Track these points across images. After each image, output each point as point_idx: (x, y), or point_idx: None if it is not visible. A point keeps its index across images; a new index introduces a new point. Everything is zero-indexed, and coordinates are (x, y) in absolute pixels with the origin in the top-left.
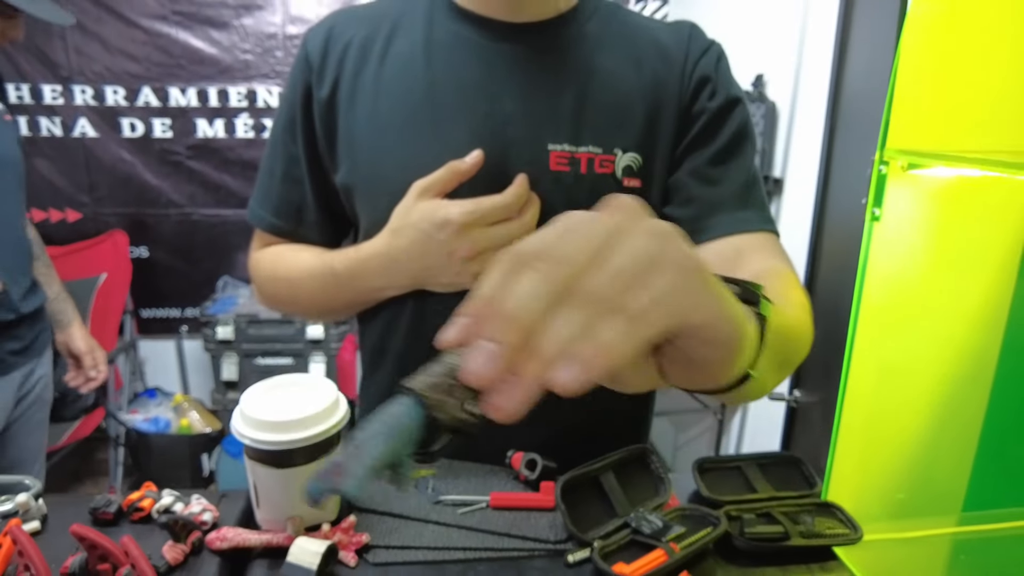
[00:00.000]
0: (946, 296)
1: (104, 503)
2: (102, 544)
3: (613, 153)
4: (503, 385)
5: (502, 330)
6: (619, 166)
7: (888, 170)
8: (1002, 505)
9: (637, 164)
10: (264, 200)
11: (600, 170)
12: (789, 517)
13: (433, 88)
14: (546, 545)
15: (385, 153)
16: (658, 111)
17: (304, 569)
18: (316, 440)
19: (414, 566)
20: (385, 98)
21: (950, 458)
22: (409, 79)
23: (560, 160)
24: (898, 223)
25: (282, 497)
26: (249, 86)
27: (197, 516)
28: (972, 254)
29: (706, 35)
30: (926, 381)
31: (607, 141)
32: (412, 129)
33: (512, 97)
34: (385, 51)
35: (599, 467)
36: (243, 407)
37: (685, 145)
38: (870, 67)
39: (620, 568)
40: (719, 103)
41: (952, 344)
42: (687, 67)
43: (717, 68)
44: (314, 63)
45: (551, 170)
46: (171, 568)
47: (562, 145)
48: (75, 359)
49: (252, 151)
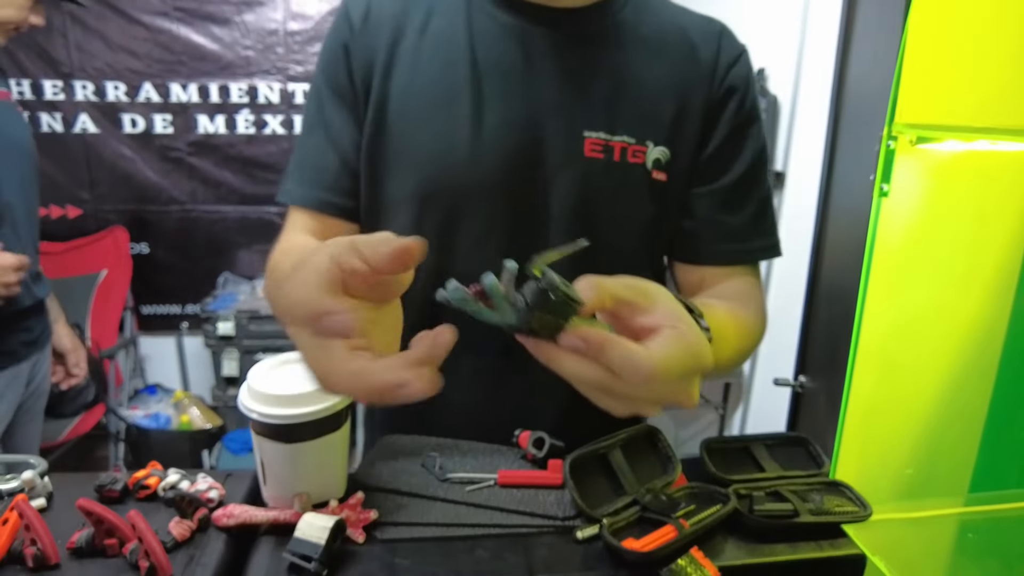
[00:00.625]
0: (953, 274)
1: (110, 481)
2: (109, 519)
3: (645, 144)
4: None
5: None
6: (649, 158)
7: (896, 145)
8: (1009, 485)
9: (665, 158)
10: (302, 175)
11: (632, 160)
12: (798, 495)
13: (472, 69)
14: (554, 522)
15: (418, 126)
16: (685, 109)
17: (312, 544)
18: (324, 415)
19: (422, 542)
20: (422, 73)
21: (957, 438)
22: (448, 57)
23: (595, 147)
24: (906, 199)
25: (289, 473)
26: (250, 82)
27: (203, 493)
28: (980, 230)
29: (736, 39)
30: (933, 360)
31: (640, 132)
32: (448, 107)
33: (549, 82)
34: (424, 27)
35: (607, 445)
36: (251, 382)
37: (709, 155)
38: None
39: (630, 544)
40: (745, 118)
41: (959, 323)
42: (717, 72)
43: (747, 80)
44: (355, 25)
45: (585, 156)
46: (178, 544)
47: (598, 132)
48: (58, 356)
49: (253, 147)
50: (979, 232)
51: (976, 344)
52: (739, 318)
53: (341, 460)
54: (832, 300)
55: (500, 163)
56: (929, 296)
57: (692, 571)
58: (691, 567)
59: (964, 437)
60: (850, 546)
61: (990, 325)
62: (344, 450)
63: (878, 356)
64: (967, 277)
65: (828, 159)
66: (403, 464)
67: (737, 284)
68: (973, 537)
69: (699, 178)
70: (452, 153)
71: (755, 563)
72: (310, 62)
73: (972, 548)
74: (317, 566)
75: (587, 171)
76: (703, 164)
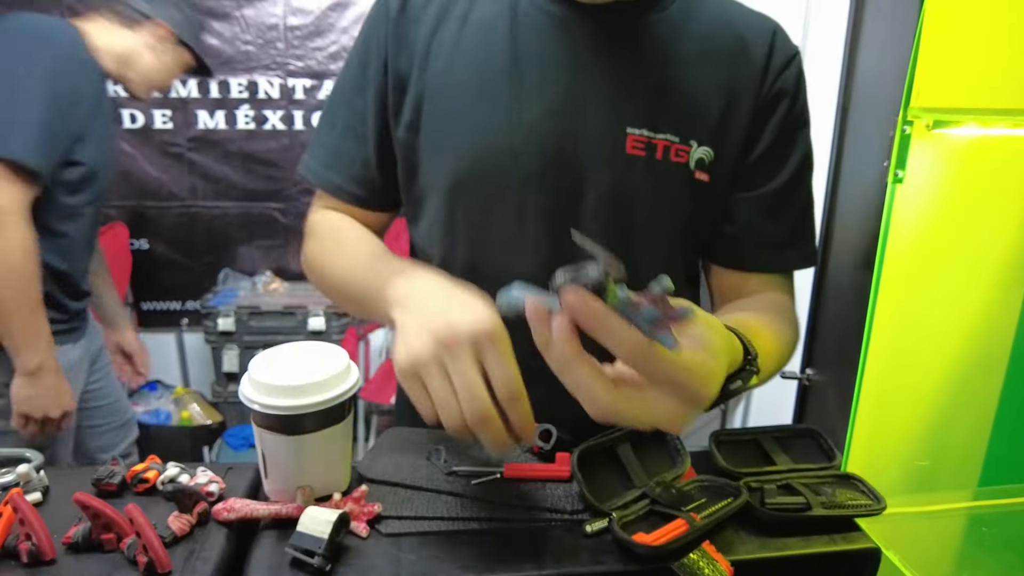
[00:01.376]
0: (967, 264)
1: (108, 474)
2: (106, 513)
3: (689, 144)
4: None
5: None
6: (693, 158)
7: (912, 130)
8: (1019, 478)
9: (709, 158)
10: (321, 153)
11: (675, 159)
12: (810, 488)
13: (515, 60)
14: (562, 516)
15: (458, 115)
16: (732, 110)
17: (315, 538)
18: (327, 406)
19: (427, 536)
20: (463, 61)
21: (968, 430)
22: (490, 46)
23: (637, 144)
24: (922, 186)
25: (291, 466)
26: (250, 77)
27: (203, 487)
28: (995, 218)
29: (790, 41)
30: (945, 351)
31: (684, 131)
32: (490, 97)
33: (593, 77)
34: (466, 15)
35: (615, 438)
36: (252, 372)
37: (755, 160)
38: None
39: (641, 537)
40: (794, 123)
41: (972, 314)
42: (769, 74)
43: (798, 85)
44: (393, 11)
45: (627, 153)
46: (177, 539)
47: (641, 130)
48: (126, 356)
49: (253, 143)
50: (994, 221)
51: (988, 335)
52: (778, 338)
53: (344, 452)
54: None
55: (538, 155)
56: (942, 286)
57: (704, 565)
58: (703, 561)
59: (975, 429)
60: (864, 540)
61: (1002, 316)
62: (347, 442)
63: (890, 347)
64: (980, 267)
65: (837, 148)
66: (408, 457)
67: (774, 295)
68: (988, 531)
69: (743, 182)
70: (489, 143)
71: (768, 557)
72: (310, 57)
73: (987, 542)
74: (320, 560)
75: (628, 168)
76: (748, 168)
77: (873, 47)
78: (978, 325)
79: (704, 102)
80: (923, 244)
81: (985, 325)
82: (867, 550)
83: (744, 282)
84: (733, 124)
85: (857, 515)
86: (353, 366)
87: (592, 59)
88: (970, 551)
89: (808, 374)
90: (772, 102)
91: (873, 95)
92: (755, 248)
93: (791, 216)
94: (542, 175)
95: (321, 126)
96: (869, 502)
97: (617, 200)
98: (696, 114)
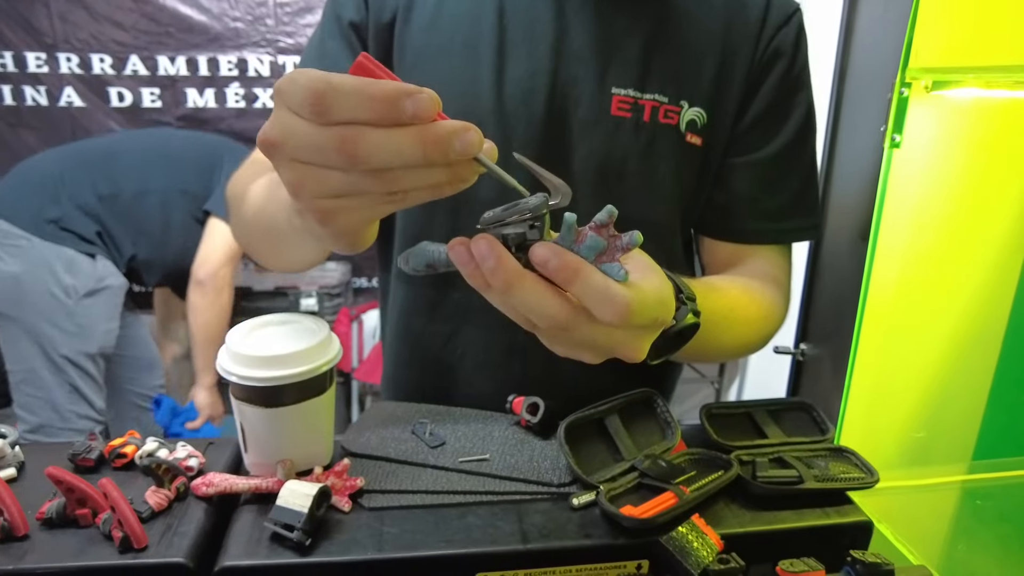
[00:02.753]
0: (963, 233)
1: (85, 449)
2: (80, 487)
3: (679, 105)
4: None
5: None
6: (684, 119)
7: (910, 92)
8: (1014, 451)
9: (702, 120)
10: None
11: (664, 120)
12: (802, 461)
13: (500, 16)
14: (549, 488)
15: (441, 74)
16: (729, 69)
17: (295, 512)
18: (307, 376)
19: (411, 510)
20: (447, 19)
21: (963, 402)
22: (476, 4)
23: (623, 105)
24: (919, 151)
25: (272, 439)
26: (240, 55)
27: (182, 461)
28: (993, 185)
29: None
30: (941, 325)
31: (674, 91)
32: (474, 55)
33: (580, 34)
34: None
35: (603, 410)
36: (230, 343)
37: (749, 123)
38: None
39: (628, 511)
40: (792, 85)
41: (968, 284)
42: (765, 32)
43: (797, 44)
44: None
45: (612, 115)
46: (155, 514)
47: (627, 90)
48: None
49: (243, 121)
50: (994, 187)
51: (985, 307)
52: (753, 303)
53: (327, 425)
54: (837, 263)
55: (523, 116)
56: (940, 256)
57: (693, 539)
58: (692, 534)
59: (970, 402)
60: (856, 513)
61: (1000, 287)
62: (330, 415)
63: (885, 319)
64: (979, 236)
65: (834, 113)
66: (392, 431)
67: (764, 264)
68: (981, 504)
69: (737, 147)
70: (472, 104)
71: (759, 531)
72: (301, 34)
73: (981, 515)
74: (300, 535)
75: (613, 130)
76: (742, 132)
77: (873, 6)
78: (975, 296)
79: (696, 61)
80: (921, 212)
81: (982, 296)
82: (860, 523)
83: (737, 255)
84: (728, 84)
85: (850, 488)
86: (334, 336)
87: (579, 16)
88: (964, 524)
89: (803, 349)
90: (769, 61)
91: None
92: (748, 219)
93: (789, 184)
94: (527, 137)
95: None
96: (862, 475)
97: (604, 164)
98: (687, 73)
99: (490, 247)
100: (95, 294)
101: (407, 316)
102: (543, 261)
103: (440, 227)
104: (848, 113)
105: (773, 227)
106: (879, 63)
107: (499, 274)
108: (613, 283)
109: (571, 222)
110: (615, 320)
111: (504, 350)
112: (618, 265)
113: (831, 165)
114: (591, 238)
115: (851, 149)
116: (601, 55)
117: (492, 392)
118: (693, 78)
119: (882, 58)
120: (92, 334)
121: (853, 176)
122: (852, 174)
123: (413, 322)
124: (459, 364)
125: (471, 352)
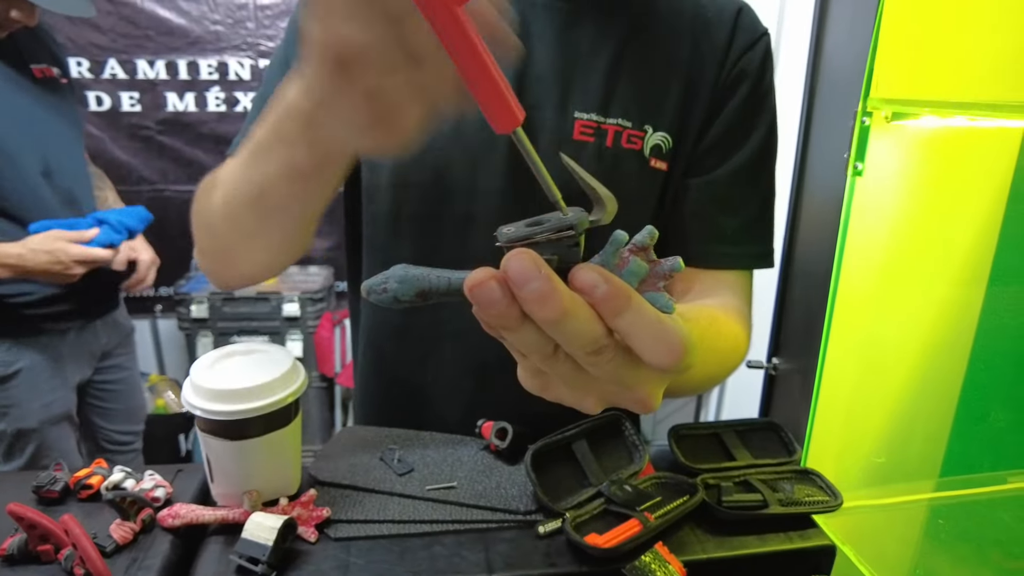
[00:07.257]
0: (928, 256)
1: (49, 480)
2: (41, 523)
3: (643, 129)
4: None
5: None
6: (648, 144)
7: (871, 121)
8: (979, 470)
9: (667, 145)
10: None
11: (627, 145)
12: (768, 485)
13: None
14: (516, 516)
15: None
16: (693, 94)
17: (260, 545)
18: (272, 409)
19: (377, 540)
20: None
21: (929, 422)
22: None
23: (585, 130)
24: (881, 178)
25: (238, 471)
26: (220, 58)
27: (148, 492)
28: (955, 210)
29: (758, 20)
30: (907, 345)
31: (638, 115)
32: None
33: (543, 56)
34: None
35: (571, 435)
36: (193, 376)
37: (708, 144)
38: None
39: (593, 539)
40: (753, 107)
41: (933, 306)
42: (730, 55)
43: (763, 68)
44: None
45: (573, 139)
46: (119, 548)
47: (590, 114)
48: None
49: (224, 125)
50: (955, 213)
51: (950, 326)
52: (720, 336)
53: (293, 455)
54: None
55: (485, 141)
56: (904, 280)
57: (656, 567)
58: (655, 563)
59: (937, 422)
60: (820, 536)
61: (964, 308)
62: (296, 445)
63: (851, 339)
64: (942, 260)
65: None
66: (361, 458)
67: (726, 294)
68: (944, 524)
69: (695, 167)
70: (434, 129)
71: (723, 556)
72: (282, 37)
73: (943, 534)
74: (264, 568)
75: (576, 156)
76: (701, 153)
77: (839, 36)
78: (940, 317)
79: (661, 85)
80: (884, 237)
81: (947, 317)
82: (823, 547)
83: (692, 280)
84: (694, 109)
85: (814, 512)
86: (300, 366)
87: (543, 38)
88: (927, 544)
89: (775, 363)
90: (732, 84)
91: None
92: (704, 241)
93: (746, 207)
94: (489, 162)
95: (249, 120)
96: (827, 498)
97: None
98: (652, 98)
99: (536, 266)
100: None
101: (377, 338)
102: (590, 287)
103: (405, 249)
104: (817, 134)
105: (729, 250)
106: (846, 90)
107: (554, 300)
108: (666, 318)
109: (622, 240)
110: (665, 362)
111: (475, 374)
112: (665, 296)
113: (801, 186)
114: (633, 262)
115: (821, 166)
116: (563, 79)
117: (462, 417)
118: (658, 102)
119: (848, 85)
120: (26, 413)
121: (822, 196)
122: (821, 194)
123: (383, 345)
124: (430, 388)
125: (441, 376)
